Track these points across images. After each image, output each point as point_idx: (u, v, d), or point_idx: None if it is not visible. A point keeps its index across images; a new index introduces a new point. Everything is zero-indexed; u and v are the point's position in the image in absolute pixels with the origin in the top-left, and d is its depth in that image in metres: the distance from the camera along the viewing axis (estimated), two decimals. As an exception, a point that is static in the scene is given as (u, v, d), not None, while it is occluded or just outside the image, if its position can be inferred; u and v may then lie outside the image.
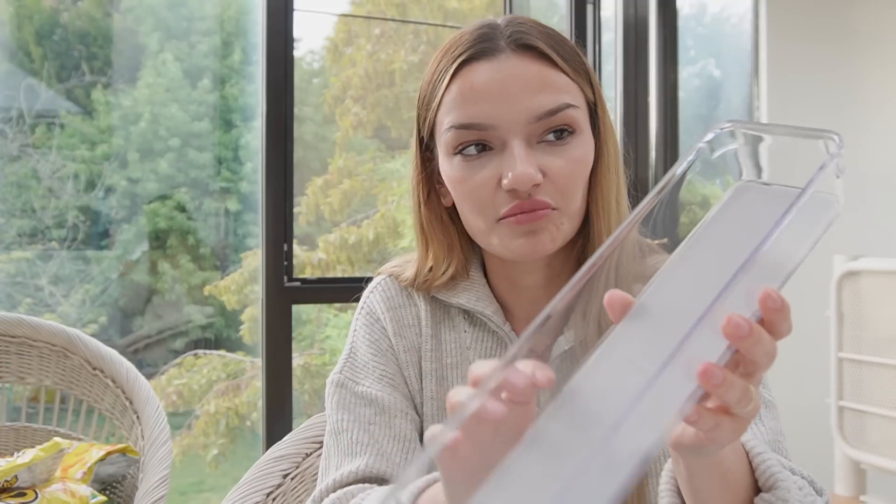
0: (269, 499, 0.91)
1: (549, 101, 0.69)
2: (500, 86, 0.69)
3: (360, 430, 0.76)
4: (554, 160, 0.70)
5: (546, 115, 0.69)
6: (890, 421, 1.67)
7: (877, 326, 1.71)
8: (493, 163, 0.71)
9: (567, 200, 0.71)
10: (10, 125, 2.31)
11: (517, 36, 0.71)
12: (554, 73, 0.71)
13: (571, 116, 0.71)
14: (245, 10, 2.59)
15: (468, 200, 0.73)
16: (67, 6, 2.49)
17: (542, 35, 0.72)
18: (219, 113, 2.64)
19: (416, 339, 0.81)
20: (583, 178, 0.72)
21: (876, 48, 2.52)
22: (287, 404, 1.92)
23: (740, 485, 0.56)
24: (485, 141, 0.71)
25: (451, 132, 0.72)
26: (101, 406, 1.46)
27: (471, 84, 0.71)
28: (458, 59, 0.72)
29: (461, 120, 0.71)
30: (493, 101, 0.70)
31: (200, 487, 2.73)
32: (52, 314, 2.42)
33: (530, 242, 0.71)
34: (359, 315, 0.84)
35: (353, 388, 0.79)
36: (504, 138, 0.70)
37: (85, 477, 1.29)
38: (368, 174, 2.71)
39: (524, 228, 0.70)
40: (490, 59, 0.71)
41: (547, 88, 0.70)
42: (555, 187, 0.70)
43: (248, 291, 2.55)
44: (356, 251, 2.61)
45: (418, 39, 2.77)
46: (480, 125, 0.70)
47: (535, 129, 0.70)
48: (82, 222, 2.42)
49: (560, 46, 0.72)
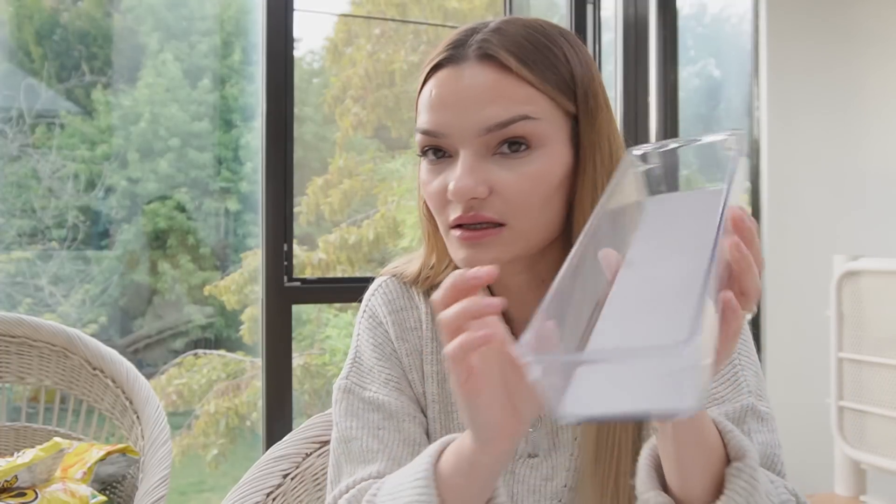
0: (269, 499, 0.91)
1: (500, 113, 0.68)
2: (454, 95, 0.69)
3: (370, 436, 0.76)
4: (505, 174, 0.69)
5: (496, 126, 0.68)
6: (890, 421, 1.67)
7: (877, 326, 1.71)
8: (447, 170, 0.71)
9: (518, 217, 0.69)
10: (10, 125, 2.31)
11: (483, 44, 0.70)
12: (513, 84, 0.69)
13: (528, 129, 0.68)
14: (245, 10, 2.59)
15: (429, 204, 0.74)
16: (67, 6, 2.49)
17: (515, 44, 0.70)
18: (219, 113, 2.64)
19: (418, 341, 0.81)
20: (539, 194, 0.69)
21: (876, 48, 2.52)
22: (287, 404, 1.92)
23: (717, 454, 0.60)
24: (442, 147, 0.71)
25: (417, 135, 0.73)
26: (101, 406, 1.46)
27: (432, 90, 0.71)
28: (431, 64, 0.73)
29: (421, 125, 0.72)
30: (446, 109, 0.70)
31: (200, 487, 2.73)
32: (52, 314, 2.43)
33: (472, 258, 0.70)
34: (361, 318, 0.84)
35: (360, 393, 0.79)
36: (456, 147, 0.70)
37: (85, 477, 1.29)
38: (368, 174, 2.71)
39: (467, 243, 0.70)
40: (453, 67, 0.71)
41: (501, 99, 0.68)
42: (503, 202, 0.69)
43: (248, 291, 2.55)
44: (356, 251, 2.61)
45: (418, 39, 2.77)
46: (436, 132, 0.70)
47: (488, 141, 0.69)
48: (82, 222, 2.42)
49: (534, 56, 0.70)
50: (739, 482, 0.58)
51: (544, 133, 0.69)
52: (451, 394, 0.79)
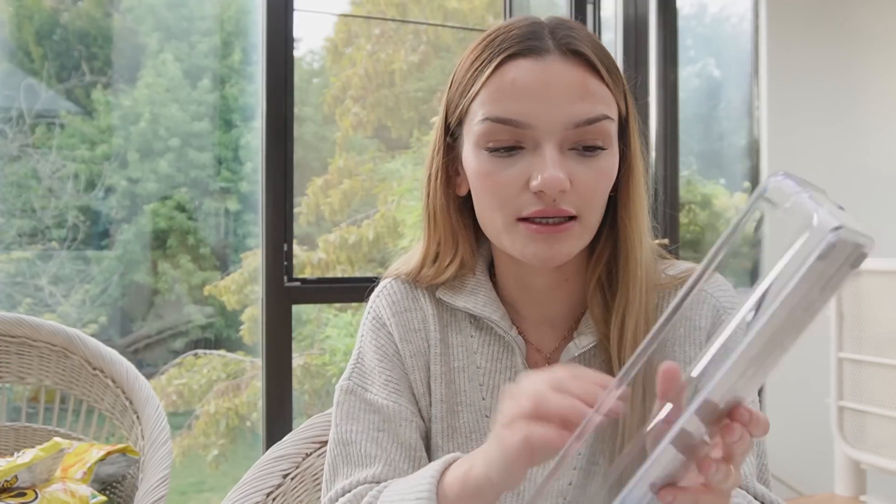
0: (269, 499, 0.91)
1: (589, 110, 0.69)
2: (543, 86, 0.69)
3: (369, 440, 0.76)
4: (582, 169, 0.70)
5: (584, 123, 0.69)
6: (890, 421, 1.67)
7: (877, 326, 1.71)
8: (522, 162, 0.70)
9: (589, 211, 0.71)
10: (10, 125, 2.31)
11: (567, 39, 0.71)
12: (597, 83, 0.70)
13: (606, 129, 0.70)
14: (245, 10, 2.59)
15: (490, 195, 0.72)
16: (67, 6, 2.49)
17: (591, 43, 0.72)
18: (219, 113, 2.64)
19: (424, 342, 0.80)
20: (605, 192, 0.72)
21: (875, 49, 2.52)
22: (287, 404, 1.93)
23: None
24: (518, 138, 0.70)
25: (485, 124, 0.71)
26: (101, 406, 1.46)
27: (513, 79, 0.70)
28: (505, 53, 0.71)
29: (498, 114, 0.70)
30: (533, 100, 0.69)
31: (200, 487, 2.73)
32: (52, 314, 2.43)
33: (547, 251, 0.70)
34: (365, 320, 0.84)
35: (362, 394, 0.79)
36: (538, 139, 0.69)
37: (85, 477, 1.29)
38: (368, 174, 2.71)
39: (542, 237, 0.70)
40: (536, 58, 0.70)
41: (589, 97, 0.69)
42: (579, 197, 0.70)
43: (248, 291, 2.55)
44: (356, 251, 2.61)
45: (418, 39, 2.77)
46: (517, 122, 0.69)
47: (570, 136, 0.69)
48: (82, 222, 2.42)
49: (605, 57, 0.72)
50: None
51: (613, 134, 0.72)
52: (457, 394, 0.79)
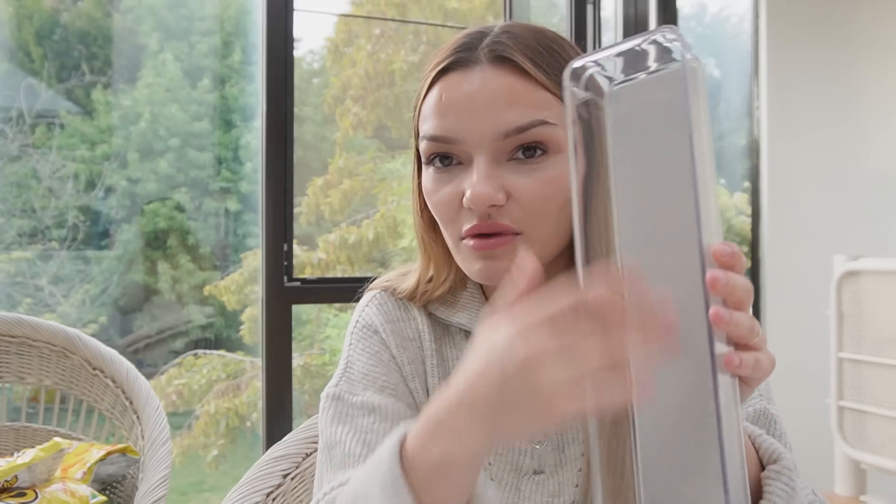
0: (269, 499, 0.91)
1: (518, 117, 0.66)
2: (468, 99, 0.67)
3: (355, 440, 0.70)
4: (522, 180, 0.66)
5: (514, 131, 0.66)
6: (890, 421, 1.67)
7: (877, 326, 1.70)
8: (459, 177, 0.68)
9: (534, 224, 0.67)
10: (10, 125, 2.31)
11: (495, 47, 0.68)
12: (530, 88, 0.66)
13: (545, 134, 0.66)
14: (245, 10, 2.59)
15: (436, 213, 0.71)
16: (67, 6, 2.49)
17: (528, 47, 0.68)
18: (219, 113, 2.64)
19: (419, 352, 0.77)
20: (557, 200, 0.67)
21: (875, 49, 2.52)
22: (287, 404, 1.92)
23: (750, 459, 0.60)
24: (453, 154, 0.68)
25: (423, 142, 0.70)
26: (101, 406, 1.46)
27: (440, 95, 0.68)
28: (437, 67, 0.69)
29: (430, 131, 0.69)
30: (459, 114, 0.67)
31: (200, 487, 2.73)
32: (52, 314, 2.42)
33: (487, 269, 0.68)
34: (353, 330, 0.79)
35: (349, 399, 0.73)
36: (470, 153, 0.67)
37: (85, 477, 1.29)
38: (368, 174, 2.71)
39: (482, 254, 0.67)
40: (465, 70, 0.68)
41: (518, 103, 0.66)
42: (520, 209, 0.66)
43: (248, 291, 2.55)
44: (356, 251, 2.61)
45: (418, 39, 2.77)
46: (447, 138, 0.68)
47: (504, 146, 0.67)
48: (82, 222, 2.42)
49: (547, 59, 0.68)
50: (779, 484, 0.58)
51: (560, 138, 0.67)
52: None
